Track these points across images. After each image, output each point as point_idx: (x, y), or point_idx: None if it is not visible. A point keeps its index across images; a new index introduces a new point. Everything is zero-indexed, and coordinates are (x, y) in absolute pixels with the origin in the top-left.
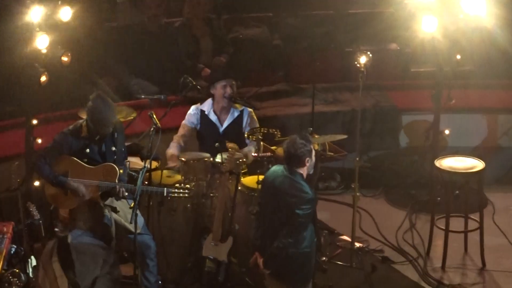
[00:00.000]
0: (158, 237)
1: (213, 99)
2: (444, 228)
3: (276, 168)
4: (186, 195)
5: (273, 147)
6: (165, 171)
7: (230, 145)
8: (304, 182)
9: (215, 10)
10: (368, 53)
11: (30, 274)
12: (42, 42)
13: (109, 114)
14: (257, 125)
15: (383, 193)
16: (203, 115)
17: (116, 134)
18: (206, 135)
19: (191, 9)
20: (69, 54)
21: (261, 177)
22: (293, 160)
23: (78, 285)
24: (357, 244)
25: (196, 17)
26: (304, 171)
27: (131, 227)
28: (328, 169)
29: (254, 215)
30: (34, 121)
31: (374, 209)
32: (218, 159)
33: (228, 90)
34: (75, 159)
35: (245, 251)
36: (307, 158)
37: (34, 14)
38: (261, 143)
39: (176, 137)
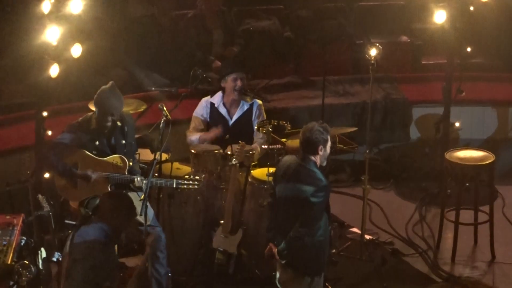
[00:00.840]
0: (168, 229)
1: (223, 92)
2: (454, 220)
3: (289, 158)
4: (196, 186)
5: (283, 140)
6: (175, 163)
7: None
8: (317, 170)
9: (226, 2)
10: (378, 45)
11: (40, 266)
12: (52, 34)
13: (112, 100)
14: (264, 119)
15: (393, 185)
16: (212, 108)
17: (126, 127)
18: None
19: (205, 1)
20: (80, 47)
21: (271, 169)
22: (307, 144)
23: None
24: (367, 237)
25: (211, 8)
26: (317, 159)
27: (141, 219)
28: (338, 161)
29: (266, 206)
30: (45, 113)
31: (384, 201)
32: (228, 151)
33: (239, 83)
34: (85, 151)
35: (255, 243)
36: (321, 146)
37: (45, 6)
38: (271, 135)
39: (190, 132)
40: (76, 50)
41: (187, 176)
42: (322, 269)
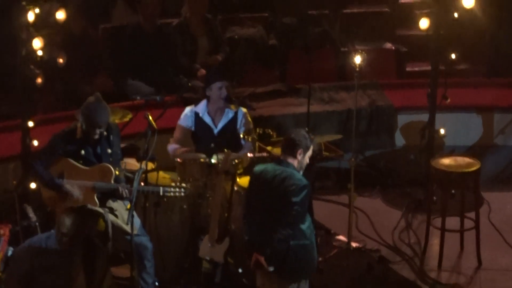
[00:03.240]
0: (154, 238)
1: (208, 100)
2: (440, 227)
3: (264, 165)
4: (182, 193)
5: (268, 148)
6: (161, 173)
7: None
8: (296, 171)
9: (211, 10)
10: (363, 52)
11: None
12: (37, 43)
13: (99, 113)
14: (251, 126)
15: (379, 192)
16: (197, 117)
17: (111, 136)
18: (201, 137)
19: (191, 7)
20: (64, 56)
21: None
22: (288, 144)
23: None
24: (354, 244)
25: (196, 16)
26: (295, 163)
27: (127, 228)
28: (324, 169)
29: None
30: (30, 123)
31: (370, 208)
32: (214, 159)
33: (224, 91)
34: (71, 160)
35: (241, 252)
36: (301, 150)
37: (29, 15)
38: (257, 143)
39: (173, 140)
40: (61, 59)
41: (173, 183)
42: (309, 274)
